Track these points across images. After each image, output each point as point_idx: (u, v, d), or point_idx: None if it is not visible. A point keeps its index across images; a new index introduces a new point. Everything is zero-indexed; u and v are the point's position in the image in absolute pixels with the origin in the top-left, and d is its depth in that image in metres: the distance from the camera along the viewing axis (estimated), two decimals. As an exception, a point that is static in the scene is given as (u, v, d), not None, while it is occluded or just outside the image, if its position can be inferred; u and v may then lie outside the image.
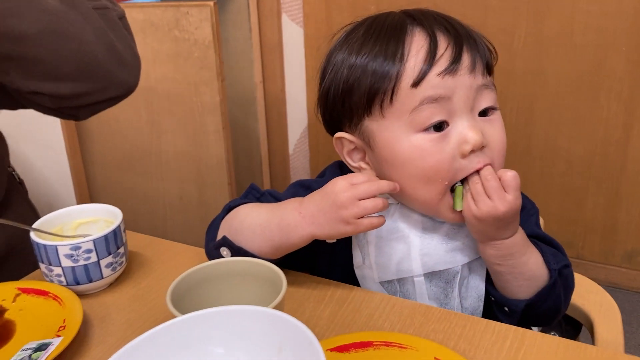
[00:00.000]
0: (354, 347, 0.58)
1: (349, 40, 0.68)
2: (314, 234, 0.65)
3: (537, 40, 1.89)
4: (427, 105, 0.63)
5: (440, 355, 0.56)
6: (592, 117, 1.89)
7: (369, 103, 0.66)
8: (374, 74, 0.65)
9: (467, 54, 0.64)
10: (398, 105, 0.64)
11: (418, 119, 0.64)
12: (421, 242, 0.70)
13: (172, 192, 1.83)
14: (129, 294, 0.73)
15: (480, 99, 0.66)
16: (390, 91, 0.64)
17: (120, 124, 1.77)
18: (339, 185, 0.63)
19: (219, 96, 1.58)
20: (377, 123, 0.66)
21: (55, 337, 0.62)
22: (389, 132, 0.66)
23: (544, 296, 0.68)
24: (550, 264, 0.68)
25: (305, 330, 0.38)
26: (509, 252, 0.66)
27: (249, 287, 0.62)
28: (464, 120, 0.64)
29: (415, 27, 0.65)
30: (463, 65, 0.64)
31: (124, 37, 0.81)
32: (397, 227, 0.71)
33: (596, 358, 0.57)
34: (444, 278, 0.71)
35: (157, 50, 1.63)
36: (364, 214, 0.62)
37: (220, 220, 0.74)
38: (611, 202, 1.96)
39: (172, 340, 0.40)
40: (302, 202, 0.66)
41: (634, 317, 1.87)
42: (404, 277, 0.71)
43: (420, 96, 0.63)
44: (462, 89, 0.64)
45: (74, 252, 0.69)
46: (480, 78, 0.65)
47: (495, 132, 0.67)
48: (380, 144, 0.67)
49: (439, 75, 0.63)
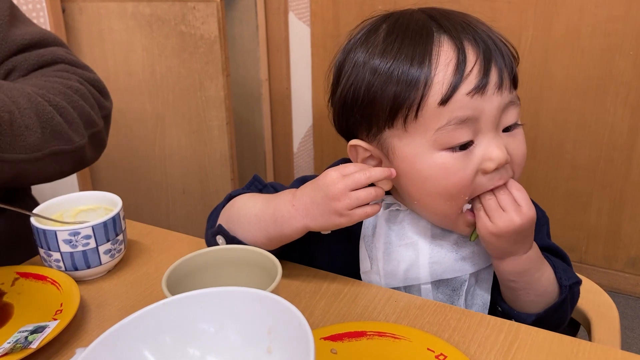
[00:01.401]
0: (347, 336, 0.58)
1: (369, 41, 0.65)
2: (307, 226, 0.65)
3: (544, 44, 1.88)
4: (454, 126, 0.61)
5: (433, 346, 0.56)
6: (598, 121, 1.89)
7: (392, 116, 0.63)
8: (399, 82, 0.61)
9: (495, 68, 0.61)
10: (423, 121, 0.62)
11: (444, 139, 0.61)
12: (431, 250, 0.69)
13: (176, 186, 1.83)
14: (126, 281, 0.74)
15: (505, 116, 0.63)
16: (416, 106, 0.61)
17: (125, 116, 1.78)
18: (331, 176, 0.62)
19: (224, 91, 1.59)
20: (398, 137, 0.64)
21: (52, 321, 0.62)
22: (410, 147, 0.63)
23: (552, 311, 0.68)
24: (562, 280, 0.68)
25: (295, 311, 0.38)
26: (524, 268, 0.65)
27: (245, 275, 0.62)
28: (489, 138, 0.62)
29: (441, 34, 0.62)
30: (491, 84, 0.61)
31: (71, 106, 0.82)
32: (405, 234, 0.70)
33: (590, 353, 0.57)
34: (451, 286, 0.70)
35: (163, 44, 1.64)
36: (356, 204, 0.61)
37: (221, 208, 0.74)
38: (615, 208, 1.95)
39: (162, 320, 0.41)
40: (295, 194, 0.66)
41: (637, 322, 1.86)
42: (411, 285, 0.70)
43: (447, 116, 0.60)
44: (490, 110, 0.61)
45: (72, 237, 0.70)
46: (507, 95, 0.63)
47: (518, 147, 0.65)
48: (400, 157, 0.65)
49: (468, 94, 0.60)
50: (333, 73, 0.70)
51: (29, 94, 0.76)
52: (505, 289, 0.69)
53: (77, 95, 0.83)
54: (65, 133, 0.79)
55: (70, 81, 0.84)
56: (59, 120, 0.78)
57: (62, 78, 0.83)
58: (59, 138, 0.78)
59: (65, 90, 0.81)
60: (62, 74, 0.84)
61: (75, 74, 0.86)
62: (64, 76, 0.84)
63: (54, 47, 0.87)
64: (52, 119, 0.77)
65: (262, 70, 2.13)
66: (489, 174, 0.63)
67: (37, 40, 0.86)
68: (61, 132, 0.78)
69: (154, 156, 1.82)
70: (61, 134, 0.78)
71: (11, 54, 0.84)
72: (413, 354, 0.55)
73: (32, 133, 0.74)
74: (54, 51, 0.86)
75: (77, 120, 0.81)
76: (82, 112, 0.82)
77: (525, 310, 0.68)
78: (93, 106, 0.86)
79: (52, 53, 0.86)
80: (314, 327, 0.61)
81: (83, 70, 0.89)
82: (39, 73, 0.84)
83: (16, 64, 0.84)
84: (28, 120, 0.74)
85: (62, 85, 0.82)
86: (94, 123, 0.85)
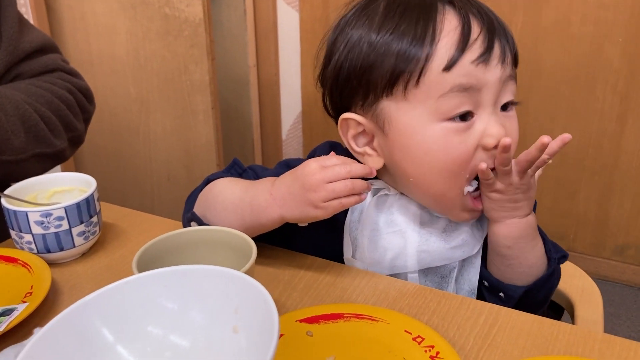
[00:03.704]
0: (324, 318, 0.57)
1: (367, 14, 0.63)
2: (283, 217, 0.63)
3: (534, 30, 1.87)
4: (456, 94, 0.59)
5: (411, 328, 0.55)
6: (587, 108, 1.88)
7: (392, 82, 0.61)
8: (400, 54, 0.60)
9: (498, 42, 0.61)
10: (425, 88, 0.60)
11: (445, 107, 0.60)
12: (419, 238, 0.67)
13: (160, 172, 1.81)
14: (101, 264, 0.72)
15: (504, 91, 0.62)
16: (419, 72, 0.59)
17: (109, 101, 1.75)
18: (310, 167, 0.60)
19: (209, 75, 1.57)
20: (396, 105, 0.62)
21: (21, 304, 0.60)
22: (409, 117, 0.61)
23: (540, 285, 0.67)
24: (552, 252, 0.67)
25: (260, 288, 0.37)
26: (523, 232, 0.64)
27: (220, 257, 0.60)
28: (489, 114, 0.61)
29: (446, 6, 0.61)
30: (495, 54, 0.60)
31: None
32: (394, 221, 0.68)
33: (570, 335, 0.56)
34: (439, 274, 0.69)
35: (147, 27, 1.61)
36: (333, 197, 0.59)
37: (199, 192, 0.72)
38: (603, 195, 1.95)
39: (124, 298, 0.39)
40: (274, 183, 0.64)
41: (623, 309, 1.87)
42: (398, 273, 0.69)
43: (451, 82, 0.59)
44: (493, 82, 0.60)
45: (44, 219, 0.68)
46: (509, 69, 0.62)
47: (513, 129, 0.64)
48: (398, 129, 0.62)
49: (473, 62, 0.59)
50: (325, 51, 0.67)
51: (17, 102, 0.85)
52: (497, 258, 0.67)
53: (63, 104, 0.93)
54: (47, 138, 0.89)
55: (61, 90, 0.94)
56: (42, 127, 0.88)
57: (56, 86, 0.94)
58: (42, 142, 0.88)
59: (53, 99, 0.91)
60: (57, 82, 0.95)
61: (70, 82, 0.97)
62: (57, 84, 0.95)
63: (53, 55, 0.98)
64: (36, 125, 0.87)
65: (250, 56, 2.10)
66: (488, 152, 0.61)
67: (40, 46, 0.95)
68: (44, 137, 0.88)
69: (138, 142, 1.79)
70: (44, 139, 0.89)
71: (19, 61, 0.92)
72: (390, 336, 0.54)
73: (16, 137, 0.84)
74: (54, 60, 0.97)
75: (59, 127, 0.92)
76: (65, 119, 0.93)
77: (514, 283, 0.67)
78: (77, 114, 0.97)
79: (53, 62, 0.97)
80: (291, 310, 0.60)
81: (76, 78, 1.00)
82: (36, 79, 0.93)
83: (22, 71, 0.93)
84: (13, 125, 0.83)
85: (51, 94, 0.92)
86: (74, 128, 0.96)
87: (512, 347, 0.55)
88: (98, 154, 1.87)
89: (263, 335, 0.35)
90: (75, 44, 1.73)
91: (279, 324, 0.34)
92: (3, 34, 0.89)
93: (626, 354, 0.53)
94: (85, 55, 1.73)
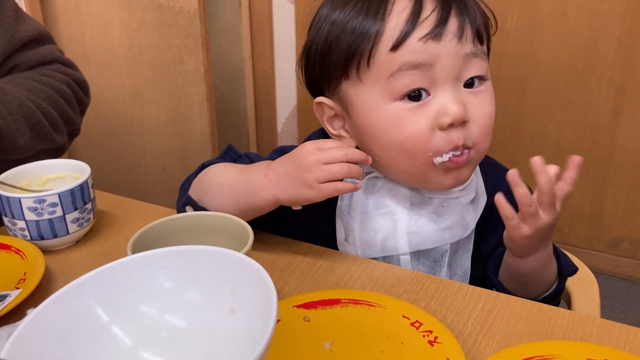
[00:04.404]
0: (322, 304, 0.56)
1: None
2: (278, 198, 0.62)
3: (530, 22, 1.86)
4: (406, 72, 0.59)
5: (409, 313, 0.54)
6: (583, 101, 1.88)
7: (346, 65, 0.62)
8: (353, 32, 0.61)
9: (455, 18, 0.60)
10: (375, 69, 0.61)
11: (395, 86, 0.60)
12: (409, 219, 0.67)
13: (155, 164, 1.80)
14: (95, 251, 0.71)
15: (467, 67, 0.61)
16: (368, 53, 0.60)
17: (103, 92, 1.73)
18: (307, 148, 0.60)
19: (204, 66, 1.55)
20: (354, 88, 0.63)
21: (14, 290, 0.60)
22: (365, 99, 0.62)
23: (550, 298, 0.67)
24: (563, 268, 0.67)
25: (259, 268, 0.36)
26: (544, 263, 0.64)
27: (216, 242, 0.59)
28: (446, 91, 0.60)
29: None
30: (449, 30, 0.59)
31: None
32: (383, 203, 0.68)
33: (568, 321, 0.56)
34: (431, 257, 0.69)
35: (142, 18, 1.60)
36: (328, 178, 0.59)
37: (193, 178, 0.72)
38: (598, 189, 1.96)
39: (120, 279, 0.39)
40: (270, 165, 0.64)
41: (617, 302, 1.87)
42: (389, 255, 0.68)
43: (399, 61, 0.59)
44: (447, 57, 0.59)
45: (38, 205, 0.67)
46: (470, 46, 0.61)
47: (482, 106, 0.62)
48: (357, 111, 0.64)
49: (421, 39, 0.59)
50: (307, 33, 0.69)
51: (20, 99, 0.86)
52: (512, 282, 0.67)
53: (62, 99, 0.93)
54: (50, 134, 0.90)
55: (60, 84, 0.94)
56: (45, 124, 0.88)
57: (54, 79, 0.93)
58: (44, 139, 0.89)
59: (52, 94, 0.91)
60: (56, 75, 0.94)
61: (67, 75, 0.97)
62: (56, 77, 0.94)
63: (50, 46, 0.98)
64: (39, 122, 0.87)
65: (245, 48, 2.09)
66: (446, 131, 0.60)
67: (36, 36, 0.94)
68: (46, 133, 0.89)
69: (132, 133, 1.78)
70: (46, 135, 0.89)
71: (16, 50, 0.92)
72: (388, 321, 0.54)
73: (22, 136, 0.84)
74: (51, 51, 0.97)
75: (60, 122, 0.92)
76: (64, 114, 0.93)
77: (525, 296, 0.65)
78: (75, 107, 0.97)
79: (51, 53, 0.96)
80: (288, 297, 0.59)
81: (73, 70, 1.00)
82: (35, 71, 0.93)
83: (19, 62, 0.92)
84: (18, 124, 0.84)
85: (50, 89, 0.91)
86: (73, 122, 0.96)
87: (511, 332, 0.55)
88: (92, 146, 1.86)
89: (260, 316, 0.34)
90: (69, 34, 1.71)
91: (277, 302, 0.34)
92: (0, 23, 0.89)
93: (625, 339, 0.53)
94: (79, 46, 1.71)
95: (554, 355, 0.49)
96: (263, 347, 0.30)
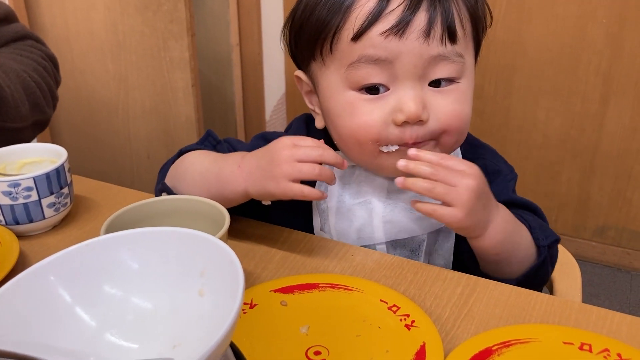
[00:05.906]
0: (299, 288, 0.56)
1: None
2: (247, 191, 0.61)
3: (518, 10, 1.85)
4: (364, 64, 0.58)
5: (387, 297, 0.54)
6: (570, 90, 1.88)
7: (313, 46, 0.63)
8: (319, 19, 0.61)
9: (425, 14, 0.57)
10: (338, 55, 0.61)
11: (353, 77, 0.60)
12: (384, 209, 0.66)
13: (140, 151, 1.78)
14: (72, 236, 0.70)
15: (433, 69, 0.59)
16: (330, 39, 0.60)
17: (87, 78, 1.71)
18: (282, 142, 0.59)
19: (189, 52, 1.53)
20: (320, 70, 0.64)
21: (-14, 275, 0.59)
22: (327, 82, 0.63)
23: (532, 275, 0.63)
24: (540, 240, 0.63)
25: (227, 249, 0.36)
26: (504, 233, 0.60)
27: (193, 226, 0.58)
28: (407, 88, 0.58)
29: None
30: (414, 28, 0.56)
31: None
32: (360, 192, 0.67)
33: (547, 305, 0.56)
34: (408, 247, 0.68)
35: (126, 2, 1.57)
36: (296, 176, 0.57)
37: (171, 163, 0.71)
38: (585, 177, 1.96)
39: (85, 261, 0.38)
40: (245, 156, 0.63)
41: (602, 289, 1.89)
42: (367, 245, 0.68)
43: (359, 52, 0.58)
44: (409, 56, 0.57)
45: (12, 189, 0.66)
46: (437, 46, 0.57)
47: (448, 105, 0.60)
48: (321, 92, 0.65)
49: (382, 34, 0.57)
50: None
51: (16, 70, 0.86)
52: (487, 265, 0.64)
53: (45, 72, 0.94)
54: (42, 106, 0.92)
55: (39, 58, 0.94)
56: (39, 94, 0.90)
57: (33, 54, 0.94)
58: (38, 110, 0.91)
59: (37, 67, 0.92)
60: (33, 50, 0.95)
61: (41, 51, 0.97)
62: (33, 52, 0.95)
63: (19, 23, 0.98)
64: (34, 93, 0.89)
65: (232, 34, 2.06)
66: (400, 127, 0.59)
67: (4, 16, 0.94)
68: (40, 105, 0.91)
69: (117, 120, 1.76)
70: (39, 107, 0.91)
71: None
72: (365, 305, 0.53)
73: (23, 105, 0.86)
74: (23, 27, 0.98)
75: (48, 94, 0.94)
76: (49, 87, 0.95)
77: (505, 277, 0.63)
78: (55, 82, 0.98)
79: (22, 29, 0.97)
80: (266, 281, 0.59)
81: (44, 46, 1.00)
82: (13, 47, 0.94)
83: None
84: (19, 94, 0.85)
85: (34, 62, 0.92)
86: (55, 96, 0.97)
87: (489, 316, 0.54)
88: (76, 133, 1.84)
89: (228, 299, 0.34)
90: (52, 19, 1.68)
91: (244, 284, 0.33)
92: None
93: (602, 323, 0.53)
94: (63, 31, 1.68)
95: (531, 339, 0.49)
96: (227, 327, 0.29)
